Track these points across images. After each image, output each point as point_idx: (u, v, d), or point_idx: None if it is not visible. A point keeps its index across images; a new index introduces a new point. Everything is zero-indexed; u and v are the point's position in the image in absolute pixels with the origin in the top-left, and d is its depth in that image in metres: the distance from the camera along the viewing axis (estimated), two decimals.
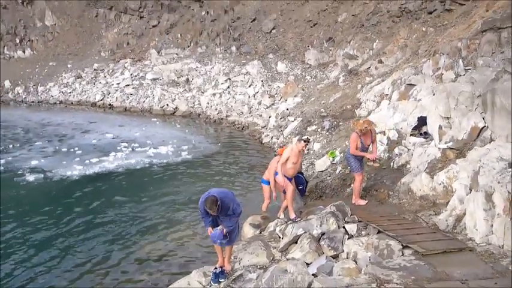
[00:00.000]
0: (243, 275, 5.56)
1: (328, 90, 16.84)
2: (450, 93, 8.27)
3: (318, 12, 22.54)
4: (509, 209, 5.18)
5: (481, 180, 5.93)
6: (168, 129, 17.57)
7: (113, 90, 23.33)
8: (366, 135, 7.55)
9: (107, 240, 7.82)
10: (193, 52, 25.04)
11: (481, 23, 10.04)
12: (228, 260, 5.71)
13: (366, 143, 7.60)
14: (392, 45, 16.04)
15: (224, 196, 5.21)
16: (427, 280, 4.48)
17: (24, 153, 13.83)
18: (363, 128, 7.41)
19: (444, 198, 6.84)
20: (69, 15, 29.64)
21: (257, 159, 13.22)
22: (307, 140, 7.78)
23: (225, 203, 5.14)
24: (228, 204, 5.18)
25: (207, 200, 5.05)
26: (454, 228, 6.00)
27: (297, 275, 4.89)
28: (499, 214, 5.32)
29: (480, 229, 5.49)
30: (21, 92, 24.69)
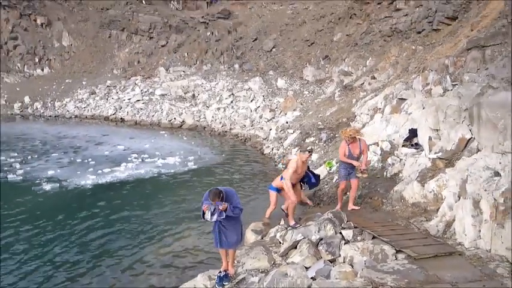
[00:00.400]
0: (245, 278, 5.53)
1: (325, 105, 16.88)
2: (439, 106, 8.29)
3: (315, 32, 22.69)
4: (496, 215, 5.15)
5: (469, 188, 5.91)
6: (175, 141, 17.58)
7: (124, 105, 23.43)
8: (354, 144, 7.45)
9: (117, 245, 7.79)
10: (199, 69, 25.18)
11: (466, 41, 10.09)
12: (232, 264, 5.68)
13: (354, 152, 7.48)
14: (384, 62, 16.08)
15: (228, 191, 5.29)
16: (419, 283, 4.45)
17: (42, 163, 13.84)
18: (347, 135, 7.39)
19: (434, 205, 6.81)
20: (84, 36, 29.93)
21: (258, 169, 13.20)
22: (311, 151, 7.79)
23: (228, 196, 5.18)
24: (230, 198, 5.21)
25: (211, 192, 5.10)
26: (444, 233, 5.96)
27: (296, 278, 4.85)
28: (486, 220, 5.29)
29: (469, 234, 5.45)
30: (40, 107, 24.81)
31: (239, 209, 5.27)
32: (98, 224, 8.79)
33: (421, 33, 15.40)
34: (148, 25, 28.80)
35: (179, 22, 28.31)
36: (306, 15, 25.01)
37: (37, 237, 8.14)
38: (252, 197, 10.32)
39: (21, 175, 12.34)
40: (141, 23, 29.03)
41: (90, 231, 8.40)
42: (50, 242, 7.90)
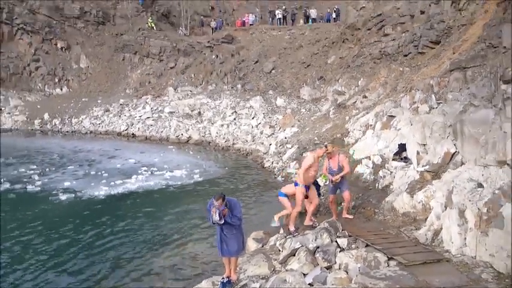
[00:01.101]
0: (247, 284, 5.46)
1: (320, 121, 16.90)
2: (425, 123, 8.32)
3: (311, 55, 22.88)
4: (480, 224, 5.11)
5: (455, 198, 5.89)
6: (182, 155, 17.57)
7: (135, 121, 23.49)
8: (333, 159, 7.37)
9: (126, 251, 7.73)
10: (205, 89, 25.32)
11: (449, 63, 10.17)
12: (234, 270, 5.61)
13: (334, 166, 7.37)
14: (374, 82, 16.15)
15: (232, 200, 5.34)
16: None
17: (59, 175, 13.83)
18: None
19: (423, 215, 6.76)
20: (100, 59, 30.21)
21: (259, 181, 13.16)
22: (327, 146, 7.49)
23: (231, 204, 5.19)
24: (233, 206, 5.22)
25: (216, 195, 5.13)
26: (433, 241, 5.91)
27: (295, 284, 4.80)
28: (471, 228, 5.25)
29: (455, 242, 5.41)
30: (58, 124, 24.90)
31: (238, 218, 5.26)
32: (108, 231, 8.74)
33: (407, 56, 15.48)
34: (158, 49, 29.10)
35: (187, 46, 28.59)
36: (303, 40, 25.27)
37: (51, 243, 8.10)
38: (253, 208, 10.27)
39: (40, 186, 12.32)
40: (152, 47, 29.33)
41: (100, 239, 8.35)
42: (63, 248, 7.85)
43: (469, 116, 7.01)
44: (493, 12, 10.27)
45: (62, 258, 7.46)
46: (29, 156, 17.11)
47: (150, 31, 30.40)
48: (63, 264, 7.23)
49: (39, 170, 14.41)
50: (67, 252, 7.70)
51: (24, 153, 17.53)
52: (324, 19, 29.72)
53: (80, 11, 30.94)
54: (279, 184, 12.44)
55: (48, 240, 8.27)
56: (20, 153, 17.56)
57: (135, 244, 8.10)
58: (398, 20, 17.35)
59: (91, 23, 31.32)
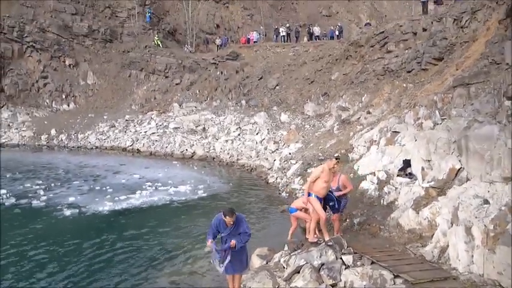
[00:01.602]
0: None
1: (324, 137, 16.90)
2: (430, 139, 8.30)
3: (315, 72, 23.07)
4: (487, 241, 5.04)
5: (461, 215, 5.83)
6: (186, 170, 17.59)
7: (140, 137, 23.65)
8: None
9: (130, 267, 7.68)
10: (209, 105, 25.53)
11: (452, 80, 10.22)
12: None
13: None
14: (378, 98, 16.20)
15: (239, 215, 5.33)
16: None
17: (64, 190, 13.86)
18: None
19: (429, 232, 6.68)
20: (107, 76, 30.68)
21: (263, 197, 13.10)
22: (338, 158, 7.26)
23: (238, 219, 5.18)
24: (241, 220, 5.21)
25: (226, 210, 5.11)
26: (439, 258, 5.82)
27: None
28: (478, 246, 5.18)
29: (462, 259, 5.32)
30: (64, 139, 25.11)
31: (247, 234, 5.24)
32: (111, 247, 8.70)
33: (410, 73, 15.56)
34: (164, 66, 29.53)
35: (192, 63, 28.99)
36: (306, 56, 25.55)
37: (54, 259, 8.07)
38: (257, 224, 10.20)
39: (45, 201, 12.34)
40: (158, 64, 29.78)
41: (103, 255, 8.31)
42: (66, 264, 7.81)
43: (474, 132, 7.00)
44: (495, 30, 10.38)
45: (64, 273, 7.42)
46: (35, 171, 17.21)
47: (156, 48, 30.90)
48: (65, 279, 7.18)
49: (44, 185, 14.46)
50: (70, 268, 7.66)
51: (30, 169, 17.65)
52: (327, 36, 30.14)
53: (88, 29, 31.63)
54: (283, 200, 12.40)
55: (51, 255, 8.25)
56: (26, 168, 17.68)
57: (138, 260, 8.05)
58: (401, 37, 17.55)
59: (99, 40, 31.95)
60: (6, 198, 12.50)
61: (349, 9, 41.49)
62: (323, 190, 6.73)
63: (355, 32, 31.03)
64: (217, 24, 36.91)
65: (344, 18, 39.49)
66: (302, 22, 37.67)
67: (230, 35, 35.71)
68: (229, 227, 5.15)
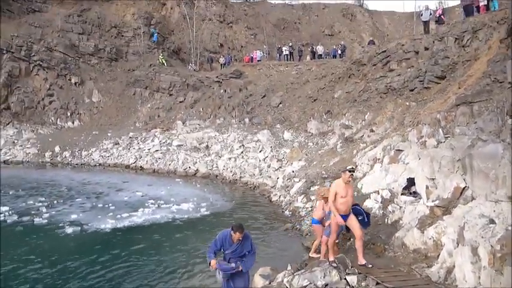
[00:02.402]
0: None
1: (328, 155, 16.88)
2: (433, 157, 8.29)
3: (318, 90, 23.24)
4: (494, 262, 4.96)
5: (467, 235, 5.75)
6: (189, 188, 17.55)
7: (144, 154, 23.73)
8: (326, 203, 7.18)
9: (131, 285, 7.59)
10: (213, 123, 25.68)
11: (455, 98, 10.26)
12: None
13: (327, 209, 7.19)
14: (381, 117, 16.24)
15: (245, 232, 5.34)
16: None
17: (66, 208, 13.84)
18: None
19: (435, 252, 6.58)
20: (112, 93, 31.08)
21: (266, 215, 13.00)
22: (352, 170, 6.89)
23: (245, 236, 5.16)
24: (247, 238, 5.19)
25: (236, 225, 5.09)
26: (446, 279, 5.72)
27: None
28: (485, 267, 5.09)
29: (469, 281, 5.22)
30: (68, 156, 25.24)
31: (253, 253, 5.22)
32: (112, 265, 8.62)
33: (413, 91, 15.61)
34: (168, 84, 29.92)
35: (196, 81, 29.35)
36: (309, 75, 25.81)
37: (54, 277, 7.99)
38: (260, 243, 10.09)
39: (47, 218, 12.31)
40: (162, 82, 30.19)
41: (104, 273, 8.22)
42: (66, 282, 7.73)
43: (478, 150, 6.99)
44: (497, 49, 10.49)
45: None
46: (38, 188, 17.24)
47: (161, 67, 31.41)
48: None
49: (47, 202, 14.46)
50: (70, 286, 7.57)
51: (33, 186, 17.69)
52: (330, 55, 30.54)
53: (95, 48, 32.28)
54: (286, 218, 12.30)
55: (52, 273, 8.18)
56: (29, 185, 17.73)
57: (139, 278, 7.96)
58: (403, 56, 17.72)
59: (104, 59, 32.55)
60: (8, 216, 12.49)
61: (352, 29, 42.21)
62: (342, 206, 6.49)
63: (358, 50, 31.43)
64: (221, 44, 37.58)
65: (346, 37, 40.12)
66: (305, 41, 38.34)
67: (234, 53, 36.30)
68: (235, 243, 5.11)
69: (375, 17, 44.49)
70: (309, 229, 10.40)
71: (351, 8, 44.49)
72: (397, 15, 44.60)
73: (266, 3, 44.65)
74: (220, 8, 39.25)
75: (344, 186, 6.53)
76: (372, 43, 27.02)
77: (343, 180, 6.58)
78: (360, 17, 43.68)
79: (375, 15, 44.78)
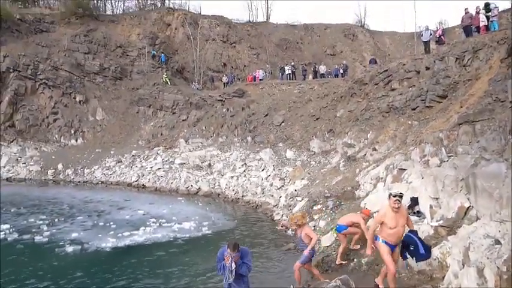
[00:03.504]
0: None
1: (330, 174, 16.82)
2: (437, 177, 8.25)
3: (320, 109, 23.36)
4: (500, 283, 4.86)
5: (472, 256, 5.67)
6: (191, 207, 17.46)
7: (146, 172, 23.73)
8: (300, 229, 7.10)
9: None
10: (215, 141, 25.76)
11: (457, 117, 10.29)
12: None
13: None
14: (383, 135, 16.24)
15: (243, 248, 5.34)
16: None
17: (67, 226, 13.78)
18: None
19: (440, 273, 6.47)
20: (115, 112, 31.38)
21: (269, 235, 12.87)
22: (399, 195, 5.75)
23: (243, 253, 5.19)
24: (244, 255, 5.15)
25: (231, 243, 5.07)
26: None
27: None
28: None
29: None
30: (71, 174, 25.28)
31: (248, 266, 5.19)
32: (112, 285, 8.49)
33: (415, 110, 15.66)
34: (172, 102, 30.21)
35: (199, 100, 29.62)
36: (312, 94, 26.01)
37: None
38: (262, 262, 9.95)
39: (47, 237, 12.25)
40: (165, 101, 30.50)
41: None
42: None
43: (481, 169, 6.96)
44: (497, 68, 10.59)
45: None
46: (39, 206, 17.21)
47: (165, 86, 31.79)
48: None
49: (48, 220, 14.41)
50: None
51: (35, 203, 17.66)
52: (332, 74, 30.87)
53: (100, 67, 32.82)
54: (288, 238, 12.16)
55: None
56: (31, 202, 17.71)
57: None
58: (405, 75, 17.87)
59: (109, 78, 33.04)
60: (9, 233, 12.44)
61: (353, 49, 42.79)
62: (392, 237, 5.66)
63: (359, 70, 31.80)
64: (224, 63, 38.12)
65: (348, 57, 40.64)
66: (307, 61, 38.85)
67: (237, 73, 36.76)
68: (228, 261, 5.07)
69: (376, 37, 45.15)
70: None
71: (352, 29, 45.23)
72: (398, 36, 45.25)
73: (269, 23, 45.50)
74: (223, 29, 40.01)
75: (393, 215, 5.63)
76: (373, 61, 27.37)
77: (392, 208, 5.67)
78: (361, 37, 44.35)
79: (376, 35, 45.45)
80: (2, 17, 31.68)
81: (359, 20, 47.96)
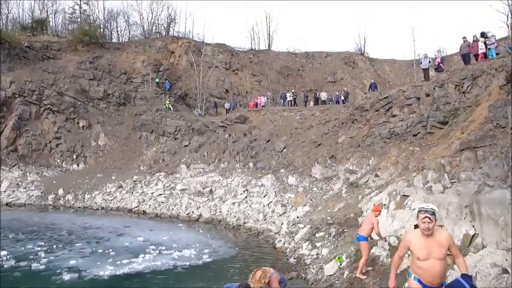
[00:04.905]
0: None
1: (333, 201, 16.67)
2: (440, 203, 8.16)
3: (321, 135, 23.45)
4: None
5: (480, 285, 5.52)
6: (192, 233, 17.21)
7: (147, 198, 23.58)
8: None
9: None
10: (217, 167, 25.73)
11: (458, 143, 10.29)
12: None
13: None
14: (385, 161, 16.21)
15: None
16: None
17: (65, 253, 13.55)
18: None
19: None
20: (118, 137, 31.61)
21: (271, 263, 12.58)
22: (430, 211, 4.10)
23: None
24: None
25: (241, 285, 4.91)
26: None
27: None
28: None
29: None
30: (71, 199, 25.13)
31: None
32: None
33: (416, 136, 15.69)
34: (174, 128, 30.46)
35: (201, 126, 29.87)
36: (313, 120, 26.21)
37: None
38: None
39: (45, 264, 12.02)
40: (168, 126, 30.77)
41: None
42: None
43: (485, 196, 6.90)
44: (497, 95, 10.70)
45: None
46: (38, 232, 17.00)
47: (167, 111, 32.16)
48: None
49: (46, 246, 14.19)
50: None
51: (34, 229, 17.46)
52: (333, 101, 31.22)
53: (104, 93, 33.38)
54: (291, 266, 11.89)
55: None
56: (30, 228, 17.51)
57: None
58: (405, 102, 18.04)
59: (113, 103, 33.53)
60: (6, 260, 12.23)
61: (354, 76, 43.52)
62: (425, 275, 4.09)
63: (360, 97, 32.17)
64: (226, 89, 38.73)
65: (349, 84, 41.27)
66: (308, 88, 39.43)
67: (239, 99, 37.25)
68: None
69: (376, 64, 46.00)
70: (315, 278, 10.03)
71: (352, 56, 46.17)
72: (398, 63, 46.12)
73: (270, 51, 46.54)
74: (226, 56, 40.91)
75: (423, 241, 4.06)
76: (373, 85, 27.77)
77: (421, 231, 4.11)
78: (361, 64, 45.20)
79: (376, 63, 46.32)
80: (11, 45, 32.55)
81: (359, 48, 49.06)
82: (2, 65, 31.01)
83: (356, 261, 9.48)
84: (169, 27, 46.36)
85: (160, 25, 46.61)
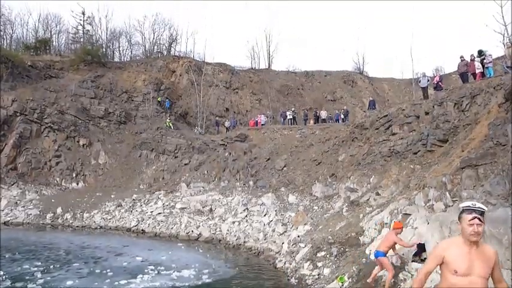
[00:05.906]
0: None
1: (334, 219, 16.51)
2: (443, 222, 8.10)
3: (322, 153, 23.44)
4: None
5: None
6: (191, 253, 16.98)
7: (146, 217, 23.37)
8: None
9: None
10: (217, 186, 25.62)
11: (459, 161, 10.29)
12: None
13: None
14: (386, 180, 16.14)
15: None
16: None
17: (62, 273, 13.31)
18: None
19: None
20: (118, 155, 31.59)
21: (271, 284, 12.38)
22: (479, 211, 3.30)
23: None
24: None
25: None
26: None
27: None
28: None
29: None
30: (69, 218, 24.89)
31: None
32: None
33: (417, 154, 15.66)
34: (174, 146, 30.50)
35: (201, 144, 29.92)
36: (313, 138, 26.27)
37: None
38: None
39: (41, 285, 11.79)
40: (168, 145, 30.82)
41: None
42: None
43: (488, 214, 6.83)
44: (496, 113, 10.76)
45: None
46: (35, 251, 16.78)
47: (168, 130, 32.28)
48: None
49: (43, 267, 13.95)
50: None
51: (31, 249, 17.23)
52: (333, 119, 31.39)
53: (105, 111, 33.58)
54: (292, 287, 11.67)
55: None
56: (27, 248, 17.28)
57: None
58: (405, 120, 18.12)
59: (113, 122, 33.69)
60: (2, 281, 12.01)
61: (353, 94, 43.92)
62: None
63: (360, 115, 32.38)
64: (226, 108, 39.00)
65: (348, 102, 41.60)
66: (308, 106, 39.73)
67: (239, 118, 37.46)
68: None
69: (375, 83, 46.48)
70: None
71: (351, 75, 46.71)
72: (396, 82, 46.61)
73: (270, 70, 47.13)
74: (226, 75, 41.40)
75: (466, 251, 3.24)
76: (372, 103, 27.97)
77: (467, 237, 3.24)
78: (360, 83, 45.68)
79: (375, 82, 46.82)
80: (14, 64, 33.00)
81: (358, 67, 49.70)
82: (5, 84, 31.34)
83: (358, 281, 9.32)
84: (170, 46, 47.14)
85: (162, 45, 47.40)
